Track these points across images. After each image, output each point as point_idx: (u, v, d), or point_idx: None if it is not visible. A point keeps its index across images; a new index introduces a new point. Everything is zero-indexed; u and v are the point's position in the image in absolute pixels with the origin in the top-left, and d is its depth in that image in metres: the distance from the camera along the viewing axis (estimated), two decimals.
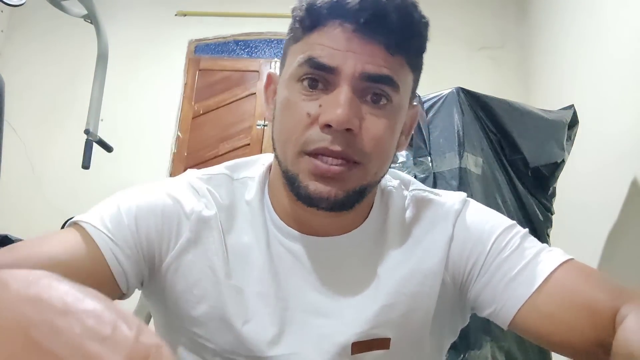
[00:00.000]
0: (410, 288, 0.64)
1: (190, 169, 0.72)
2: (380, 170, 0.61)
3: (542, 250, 0.62)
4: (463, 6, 3.26)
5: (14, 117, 2.91)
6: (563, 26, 2.50)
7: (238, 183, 0.68)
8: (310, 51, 0.57)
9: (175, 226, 0.63)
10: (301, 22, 0.60)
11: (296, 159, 0.58)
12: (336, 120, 0.54)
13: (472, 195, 1.36)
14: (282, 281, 0.63)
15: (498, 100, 1.51)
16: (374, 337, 0.63)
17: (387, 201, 0.69)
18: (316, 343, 0.62)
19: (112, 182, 3.01)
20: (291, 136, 0.58)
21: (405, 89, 0.60)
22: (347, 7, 0.55)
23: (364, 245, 0.65)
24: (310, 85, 0.57)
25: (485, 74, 3.04)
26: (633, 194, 1.63)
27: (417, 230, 0.67)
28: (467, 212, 0.68)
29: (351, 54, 0.55)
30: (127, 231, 0.60)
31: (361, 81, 0.56)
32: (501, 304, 0.61)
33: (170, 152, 3.13)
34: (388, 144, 0.59)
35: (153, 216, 0.62)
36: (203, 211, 0.63)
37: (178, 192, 0.65)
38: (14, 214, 2.97)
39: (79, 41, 3.20)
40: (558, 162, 1.58)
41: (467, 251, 0.65)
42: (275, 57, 3.30)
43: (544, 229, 1.54)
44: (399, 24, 0.55)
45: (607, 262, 1.75)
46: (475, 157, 1.43)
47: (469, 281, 0.65)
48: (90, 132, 2.34)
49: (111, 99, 2.73)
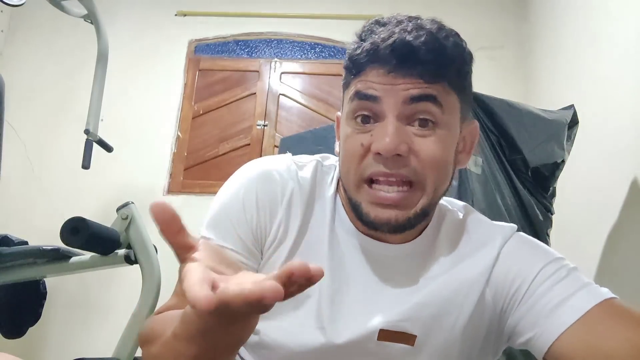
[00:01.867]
0: (444, 293, 0.68)
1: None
2: (440, 187, 0.66)
3: (589, 285, 0.64)
4: (463, 6, 3.26)
5: (14, 117, 2.91)
6: (563, 26, 2.50)
7: (326, 168, 0.76)
8: (356, 88, 0.65)
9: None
10: (348, 69, 0.68)
11: (357, 188, 0.65)
12: (384, 148, 0.61)
13: (472, 195, 1.36)
14: (335, 263, 0.69)
15: (498, 100, 1.51)
16: (401, 330, 0.67)
17: (441, 222, 0.74)
18: (349, 320, 0.67)
19: (112, 182, 3.02)
20: (350, 166, 0.65)
21: (451, 109, 0.65)
22: (380, 53, 0.62)
23: (413, 256, 0.71)
24: (363, 120, 0.65)
25: (485, 74, 3.03)
26: (633, 194, 1.63)
27: (464, 248, 0.72)
28: (517, 239, 0.72)
29: (392, 86, 0.62)
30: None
31: (406, 105, 0.62)
32: (541, 330, 0.62)
33: (170, 152, 3.13)
34: (441, 161, 0.64)
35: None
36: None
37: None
38: (14, 214, 2.97)
39: (79, 41, 3.20)
40: (558, 162, 1.58)
41: (512, 274, 0.67)
42: (275, 57, 3.30)
43: (544, 229, 1.54)
44: (430, 57, 0.61)
45: (607, 262, 1.75)
46: (475, 157, 1.43)
47: (512, 305, 0.67)
48: (90, 132, 2.34)
49: (111, 99, 2.74)
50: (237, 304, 0.35)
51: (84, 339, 2.75)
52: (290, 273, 0.35)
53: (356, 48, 0.65)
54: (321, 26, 3.25)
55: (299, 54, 3.30)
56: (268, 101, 3.20)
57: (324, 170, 0.75)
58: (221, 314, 0.38)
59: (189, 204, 2.88)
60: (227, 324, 0.42)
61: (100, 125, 2.43)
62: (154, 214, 0.40)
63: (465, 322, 0.67)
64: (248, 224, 0.68)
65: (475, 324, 0.68)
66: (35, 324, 1.97)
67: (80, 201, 2.94)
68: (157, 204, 0.40)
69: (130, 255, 1.82)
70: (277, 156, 0.76)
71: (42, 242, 1.83)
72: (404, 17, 0.66)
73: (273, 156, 0.76)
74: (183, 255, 0.42)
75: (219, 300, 0.35)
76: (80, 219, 1.68)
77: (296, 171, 0.73)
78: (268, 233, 0.69)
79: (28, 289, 1.92)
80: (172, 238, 0.41)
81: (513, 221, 1.42)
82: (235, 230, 0.68)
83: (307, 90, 3.20)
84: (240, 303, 0.35)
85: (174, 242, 0.41)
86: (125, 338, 1.76)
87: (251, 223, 0.68)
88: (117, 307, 2.52)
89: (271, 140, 3.10)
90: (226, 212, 0.69)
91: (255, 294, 0.34)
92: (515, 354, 1.38)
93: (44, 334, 2.69)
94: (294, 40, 3.32)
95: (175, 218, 0.41)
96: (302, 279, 0.35)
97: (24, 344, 2.12)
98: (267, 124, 3.15)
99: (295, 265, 0.35)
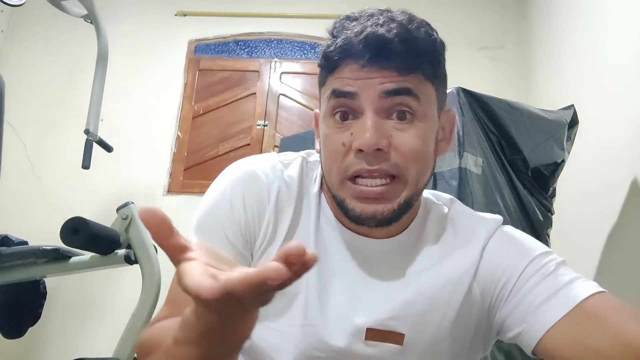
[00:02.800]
0: (431, 291, 0.68)
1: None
2: (422, 178, 0.66)
3: (577, 279, 0.64)
4: (463, 6, 3.26)
5: (14, 117, 2.91)
6: (563, 26, 2.50)
7: (311, 165, 0.76)
8: (332, 86, 0.65)
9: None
10: (322, 67, 0.68)
11: (341, 185, 0.65)
12: (365, 144, 0.61)
13: (472, 195, 1.36)
14: (322, 260, 0.69)
15: (498, 100, 1.51)
16: (389, 329, 0.67)
17: (427, 216, 0.74)
18: (335, 320, 0.67)
19: (112, 182, 3.02)
20: (333, 165, 0.65)
21: (428, 100, 0.65)
22: (353, 48, 0.62)
23: (399, 251, 0.71)
24: (342, 117, 0.64)
25: (485, 74, 3.04)
26: (633, 194, 1.63)
27: (450, 243, 0.71)
28: (503, 232, 0.72)
29: (367, 80, 0.62)
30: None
31: (383, 100, 0.62)
32: (529, 325, 0.62)
33: (170, 152, 3.13)
34: (421, 153, 0.64)
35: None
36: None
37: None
38: (14, 214, 2.97)
39: (79, 41, 3.20)
40: (558, 162, 1.58)
41: (500, 269, 0.67)
42: (275, 57, 3.30)
43: (544, 229, 1.54)
44: (404, 49, 0.61)
45: (607, 262, 1.75)
46: (475, 157, 1.43)
47: (499, 300, 0.67)
48: (90, 132, 2.34)
49: (111, 99, 2.74)
50: (242, 288, 0.35)
51: (84, 339, 2.75)
52: (287, 254, 0.35)
53: (329, 45, 0.65)
54: (321, 26, 3.24)
55: (299, 54, 3.30)
56: (268, 101, 3.20)
57: (309, 167, 0.75)
58: (225, 305, 0.38)
59: (189, 204, 2.88)
60: (228, 321, 0.42)
61: (100, 125, 2.43)
62: (144, 219, 0.39)
63: (454, 319, 0.67)
64: (237, 226, 0.68)
65: (464, 320, 0.68)
66: (35, 324, 1.97)
67: (80, 201, 2.94)
68: (145, 208, 0.39)
69: (130, 255, 1.82)
70: (261, 155, 0.76)
71: (42, 242, 1.83)
72: (375, 11, 0.65)
73: (257, 156, 0.75)
74: (177, 257, 0.41)
75: (223, 287, 0.35)
76: (80, 219, 1.68)
77: (282, 170, 0.72)
78: (257, 234, 0.69)
79: (28, 289, 1.92)
80: (163, 241, 0.40)
81: (513, 221, 1.42)
82: (225, 233, 0.67)
83: (307, 90, 3.20)
84: (245, 288, 0.35)
85: (166, 245, 0.41)
86: (125, 338, 1.76)
87: (240, 225, 0.68)
88: (117, 307, 2.52)
89: (271, 140, 3.10)
90: (214, 215, 0.69)
91: (259, 276, 0.34)
92: (513, 353, 1.38)
93: (44, 334, 2.69)
94: (294, 40, 3.32)
95: (165, 221, 0.40)
96: (299, 263, 0.35)
97: (23, 344, 2.12)
98: (267, 124, 3.15)
99: (292, 245, 0.35)
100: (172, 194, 3.01)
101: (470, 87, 1.49)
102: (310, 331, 0.67)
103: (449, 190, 1.34)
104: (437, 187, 1.37)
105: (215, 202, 0.69)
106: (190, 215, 0.71)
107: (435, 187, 1.37)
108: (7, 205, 2.99)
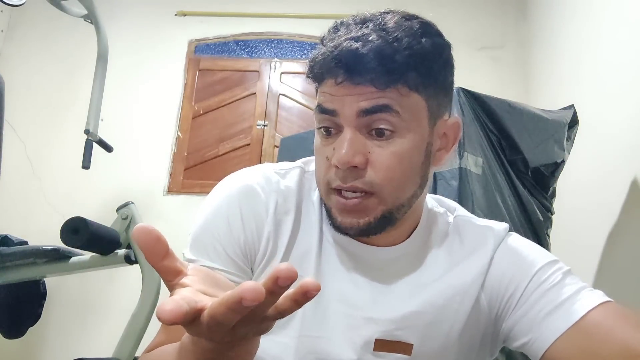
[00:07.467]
0: (439, 301, 0.67)
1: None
2: (402, 194, 0.64)
3: (584, 289, 0.64)
4: (463, 6, 3.26)
5: (14, 117, 2.90)
6: (563, 26, 2.50)
7: (309, 175, 0.75)
8: (318, 100, 0.65)
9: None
10: (311, 79, 0.67)
11: (326, 195, 0.66)
12: (339, 161, 0.61)
13: (472, 195, 1.36)
14: (324, 270, 0.69)
15: (498, 100, 1.51)
16: (397, 339, 0.66)
17: (431, 224, 0.73)
18: (344, 331, 0.67)
19: (112, 182, 3.02)
20: (320, 176, 0.66)
21: (413, 112, 0.62)
22: (329, 65, 0.61)
23: (404, 259, 0.70)
24: (326, 132, 0.64)
25: (485, 74, 3.04)
26: (633, 194, 1.63)
27: (457, 253, 0.71)
28: (510, 241, 0.71)
29: (346, 97, 0.61)
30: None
31: (361, 118, 0.61)
32: (537, 334, 0.62)
33: (170, 152, 3.13)
34: (398, 170, 0.63)
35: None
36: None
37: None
38: (14, 214, 2.97)
39: (79, 41, 3.20)
40: (558, 162, 1.58)
41: (507, 279, 0.67)
42: (275, 57, 3.30)
43: (544, 229, 1.54)
44: (378, 63, 0.59)
45: (607, 262, 1.75)
46: (475, 157, 1.43)
47: (506, 310, 0.67)
48: (90, 132, 2.34)
49: (111, 99, 2.74)
50: (221, 310, 0.34)
51: (84, 339, 2.75)
52: (275, 277, 0.34)
53: (314, 57, 0.64)
54: (321, 26, 3.23)
55: (299, 54, 3.30)
56: (268, 101, 3.20)
57: (307, 177, 0.74)
58: (212, 331, 0.37)
59: (189, 204, 2.89)
60: (224, 349, 0.41)
61: (100, 125, 2.43)
62: (137, 239, 0.37)
63: (462, 328, 0.67)
64: (236, 242, 0.67)
65: (472, 329, 0.68)
66: (35, 324, 1.97)
67: (80, 201, 2.94)
68: (139, 227, 0.38)
69: (130, 255, 1.82)
70: (255, 167, 0.74)
71: (42, 242, 1.83)
72: (359, 20, 0.63)
73: (250, 168, 0.73)
74: (172, 282, 0.40)
75: (185, 313, 0.34)
76: (80, 219, 1.68)
77: (278, 181, 0.71)
78: (257, 249, 0.68)
79: (28, 289, 1.92)
80: (158, 263, 0.38)
81: (513, 221, 1.42)
82: (224, 250, 0.66)
83: (307, 90, 3.20)
84: (223, 309, 0.34)
85: (160, 268, 0.39)
86: (125, 338, 1.76)
87: (239, 241, 0.67)
88: (117, 307, 2.52)
89: (271, 140, 3.10)
90: (211, 232, 0.67)
91: (234, 296, 0.33)
92: (514, 354, 1.38)
93: (44, 334, 2.69)
94: (294, 40, 3.32)
95: (160, 241, 0.38)
96: (300, 292, 0.35)
97: (23, 344, 2.12)
98: (267, 124, 3.15)
99: (282, 267, 0.34)
100: (172, 194, 3.01)
101: (470, 87, 1.49)
102: (308, 342, 0.66)
103: (449, 190, 1.34)
104: (437, 187, 1.37)
105: (212, 218, 0.68)
106: (190, 216, 0.70)
107: (436, 187, 1.37)
108: (7, 205, 2.99)
